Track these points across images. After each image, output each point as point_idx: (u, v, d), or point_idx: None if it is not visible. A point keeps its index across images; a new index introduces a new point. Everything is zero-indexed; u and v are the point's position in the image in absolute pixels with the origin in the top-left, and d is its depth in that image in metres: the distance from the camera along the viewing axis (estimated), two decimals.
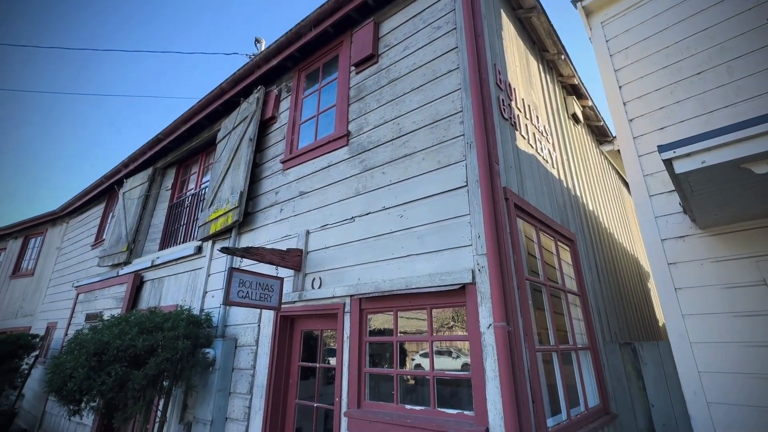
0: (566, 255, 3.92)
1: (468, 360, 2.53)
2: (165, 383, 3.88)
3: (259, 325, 4.01)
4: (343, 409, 2.99)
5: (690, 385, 3.23)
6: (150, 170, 7.29)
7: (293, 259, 3.72)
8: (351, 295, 3.26)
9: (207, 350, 4.02)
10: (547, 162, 4.18)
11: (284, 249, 3.75)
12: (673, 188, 3.70)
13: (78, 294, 7.74)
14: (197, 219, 5.83)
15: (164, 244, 6.63)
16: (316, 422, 3.43)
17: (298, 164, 4.37)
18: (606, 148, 6.57)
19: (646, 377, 3.66)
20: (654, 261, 3.68)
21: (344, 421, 2.95)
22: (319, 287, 3.57)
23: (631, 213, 8.20)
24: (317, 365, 3.62)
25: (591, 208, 5.21)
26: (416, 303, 2.90)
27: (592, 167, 6.06)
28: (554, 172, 4.26)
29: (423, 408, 2.67)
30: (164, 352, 3.59)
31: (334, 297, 3.40)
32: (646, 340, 5.32)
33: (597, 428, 3.03)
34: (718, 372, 3.13)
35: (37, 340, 8.25)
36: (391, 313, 3.05)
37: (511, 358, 2.28)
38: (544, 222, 3.43)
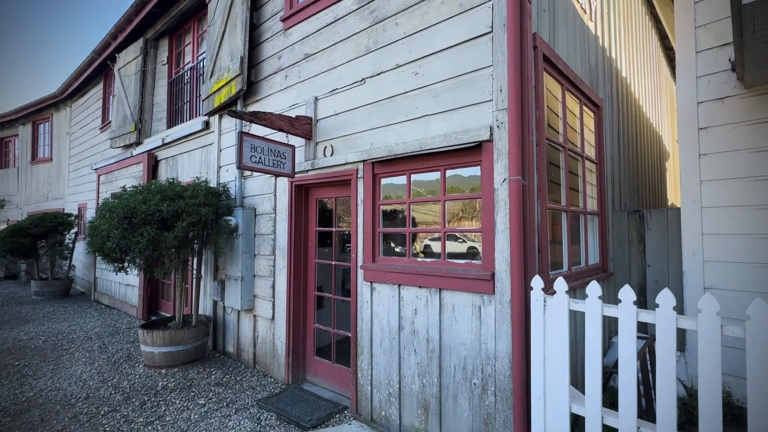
0: (590, 121, 3.71)
1: (474, 244, 2.61)
2: (195, 246, 4.22)
3: (275, 195, 4.14)
4: (359, 263, 3.25)
5: (691, 245, 3.36)
6: (141, 42, 6.70)
7: (303, 126, 3.61)
8: (364, 161, 3.23)
9: (229, 218, 4.25)
10: (585, 13, 3.63)
11: (293, 116, 3.61)
12: (724, 42, 3.26)
13: (99, 176, 7.99)
14: (200, 95, 5.57)
15: (171, 123, 6.50)
16: (335, 278, 3.79)
17: (301, 21, 3.90)
18: None
19: (648, 241, 3.82)
20: (684, 126, 3.47)
21: (360, 273, 3.24)
22: (331, 155, 3.54)
23: (665, 88, 7.52)
24: (333, 229, 3.83)
25: (624, 75, 4.75)
26: (430, 165, 2.87)
27: (634, 28, 5.32)
28: (591, 26, 3.74)
29: (434, 260, 2.88)
30: (189, 217, 3.81)
31: (346, 164, 3.39)
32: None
33: (599, 281, 3.28)
34: (723, 234, 3.21)
35: (73, 218, 8.88)
36: (404, 176, 3.06)
37: (523, 210, 2.32)
38: (573, 81, 3.14)
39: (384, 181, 3.25)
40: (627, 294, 1.74)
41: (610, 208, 3.98)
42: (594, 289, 1.82)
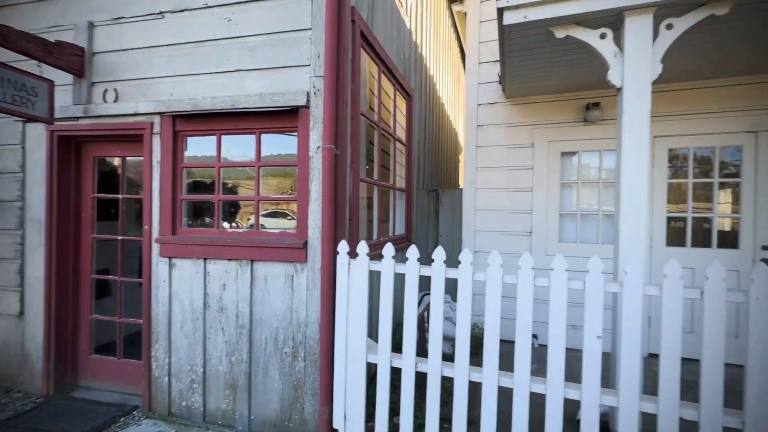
0: (402, 107, 4.14)
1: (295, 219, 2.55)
2: None
3: (23, 147, 3.02)
4: (154, 236, 2.73)
5: (468, 218, 4.21)
6: None
7: (69, 57, 2.71)
8: (162, 113, 2.69)
9: None
10: (401, 6, 3.97)
11: (52, 41, 2.67)
12: (496, 59, 4.15)
13: None
14: None
15: None
16: (122, 257, 3.09)
17: None
18: (456, 7, 6.73)
19: (441, 215, 4.62)
20: (468, 122, 4.28)
21: (156, 247, 2.73)
22: (116, 101, 2.80)
23: (461, 90, 9.18)
24: (120, 197, 3.09)
25: (432, 73, 5.50)
26: (244, 126, 2.61)
27: (442, 35, 6.21)
28: (406, 21, 4.14)
29: (246, 230, 2.67)
30: None
31: (138, 114, 2.75)
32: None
33: (398, 249, 3.73)
34: (486, 209, 4.14)
35: None
36: (214, 136, 2.70)
37: (335, 180, 2.38)
38: (389, 66, 3.40)
39: (192, 141, 2.79)
40: (413, 253, 2.02)
41: (415, 186, 4.60)
42: (388, 250, 2.04)
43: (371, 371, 2.76)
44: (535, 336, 3.83)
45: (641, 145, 2.18)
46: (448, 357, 3.60)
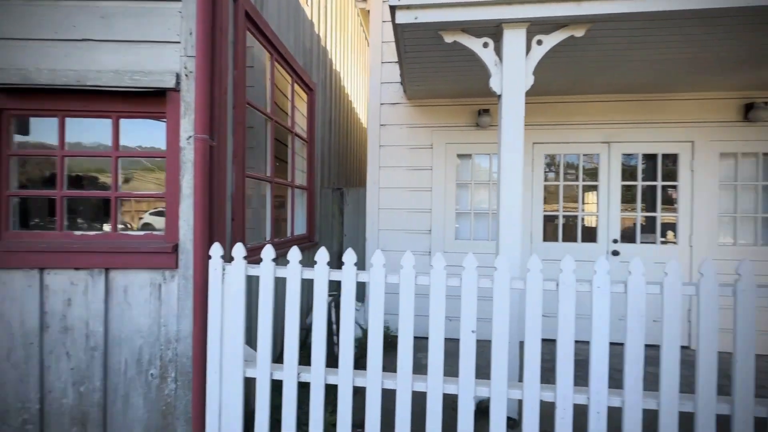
0: (302, 101, 3.95)
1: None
2: None
3: None
4: None
5: (372, 217, 4.19)
6: None
7: None
8: None
9: None
10: None
11: None
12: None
13: None
14: None
15: None
16: None
17: None
18: (360, 4, 6.73)
19: (345, 214, 4.54)
20: (372, 121, 4.27)
21: None
22: None
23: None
24: None
25: (338, 69, 5.39)
26: (96, 108, 2.18)
27: (350, 33, 6.15)
28: (306, 11, 3.95)
29: (98, 233, 2.24)
30: None
31: None
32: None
33: (302, 249, 3.54)
34: (390, 208, 4.17)
35: None
36: (56, 118, 2.20)
37: (211, 174, 2.12)
38: (284, 55, 3.19)
39: (34, 124, 2.24)
40: (293, 256, 1.87)
41: (319, 184, 4.44)
42: (267, 252, 1.86)
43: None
44: None
45: (517, 148, 2.35)
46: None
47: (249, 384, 2.07)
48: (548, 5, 2.30)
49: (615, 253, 3.92)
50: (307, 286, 4.17)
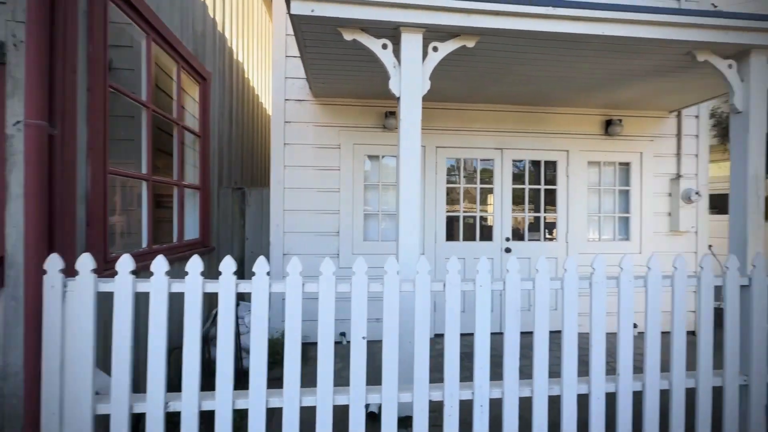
0: (193, 90, 3.55)
1: None
2: None
3: None
4: None
5: (276, 219, 3.95)
6: None
7: None
8: None
9: None
10: None
11: None
12: None
13: None
14: None
15: None
16: None
17: None
18: None
19: (247, 216, 4.22)
20: (276, 118, 4.02)
21: None
22: None
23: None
24: None
25: (241, 60, 5.00)
26: None
27: (256, 21, 5.76)
28: None
29: None
30: None
31: None
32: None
33: (187, 256, 3.15)
34: (296, 210, 3.97)
35: None
36: None
37: (51, 169, 1.73)
38: (165, 37, 2.80)
39: None
40: (158, 266, 1.61)
41: (216, 183, 4.05)
42: (123, 264, 1.57)
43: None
44: (342, 334, 3.89)
45: (414, 150, 2.38)
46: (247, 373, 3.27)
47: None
48: (441, 13, 2.37)
49: (507, 250, 4.28)
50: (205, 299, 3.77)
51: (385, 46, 2.47)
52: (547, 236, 4.48)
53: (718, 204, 7.10)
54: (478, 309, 1.75)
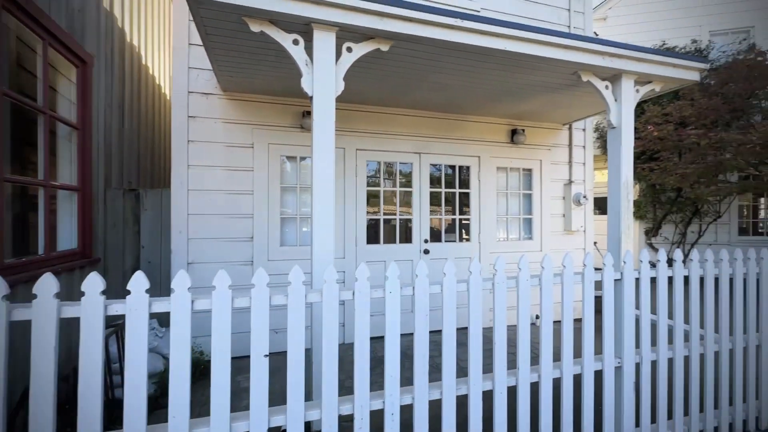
0: (69, 73, 3.01)
1: None
2: None
3: None
4: None
5: (178, 225, 3.55)
6: None
7: None
8: None
9: None
10: None
11: None
12: None
13: None
14: None
15: None
16: None
17: None
18: None
19: (143, 222, 3.72)
20: (177, 111, 3.61)
21: None
22: None
23: None
24: None
25: (135, 42, 4.41)
26: None
27: (157, 6, 5.15)
28: None
29: None
30: None
31: None
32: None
33: (59, 270, 2.64)
34: (203, 214, 3.61)
35: None
36: None
37: None
38: (24, 7, 2.31)
39: None
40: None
41: (102, 184, 3.50)
42: None
43: None
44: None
45: (328, 152, 2.29)
46: (153, 399, 2.86)
47: None
48: (355, 14, 2.32)
49: (426, 251, 4.41)
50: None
51: (296, 42, 2.34)
52: (464, 237, 4.72)
53: (602, 206, 8.24)
54: (387, 317, 1.72)
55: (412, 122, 4.39)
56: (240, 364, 2.35)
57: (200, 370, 3.34)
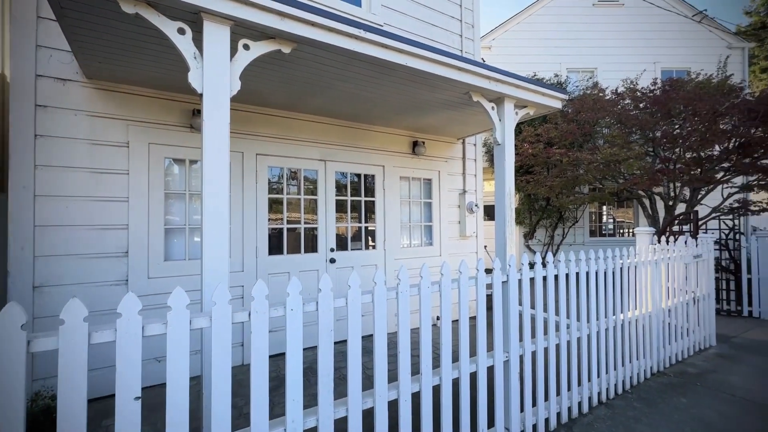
0: None
1: None
2: None
3: None
4: None
5: (22, 239, 2.84)
6: None
7: None
8: None
9: None
10: None
11: None
12: None
13: None
14: None
15: None
16: None
17: None
18: None
19: None
20: (18, 98, 2.90)
21: None
22: None
23: None
24: None
25: None
26: None
27: None
28: None
29: None
30: None
31: None
32: None
33: None
34: (56, 225, 2.96)
35: None
36: None
37: None
38: None
39: None
40: None
41: None
42: None
43: None
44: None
45: (222, 155, 2.05)
46: None
47: None
48: (253, 10, 2.16)
49: (332, 260, 4.33)
50: None
51: (182, 31, 2.08)
52: (370, 244, 4.77)
53: (490, 213, 9.21)
54: (289, 336, 1.60)
55: (318, 129, 4.29)
56: (108, 405, 1.93)
57: (51, 419, 2.69)
